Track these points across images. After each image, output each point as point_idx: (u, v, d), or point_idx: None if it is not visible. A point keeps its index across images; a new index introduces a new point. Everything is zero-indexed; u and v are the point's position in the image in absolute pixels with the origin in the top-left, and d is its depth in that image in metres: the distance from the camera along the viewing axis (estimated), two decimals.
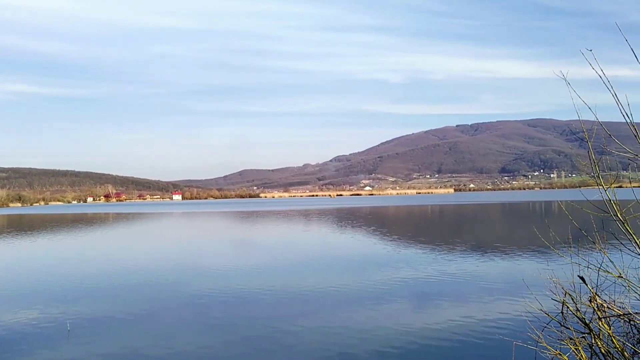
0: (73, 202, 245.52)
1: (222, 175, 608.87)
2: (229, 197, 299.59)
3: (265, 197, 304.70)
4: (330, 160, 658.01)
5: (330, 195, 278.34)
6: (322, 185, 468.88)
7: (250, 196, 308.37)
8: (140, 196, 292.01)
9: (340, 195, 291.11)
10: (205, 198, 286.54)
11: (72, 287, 15.91)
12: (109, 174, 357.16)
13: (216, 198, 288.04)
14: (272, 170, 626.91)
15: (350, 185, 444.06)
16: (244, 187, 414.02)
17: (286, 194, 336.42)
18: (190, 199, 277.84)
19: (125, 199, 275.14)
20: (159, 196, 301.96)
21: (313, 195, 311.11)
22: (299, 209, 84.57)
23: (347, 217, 54.59)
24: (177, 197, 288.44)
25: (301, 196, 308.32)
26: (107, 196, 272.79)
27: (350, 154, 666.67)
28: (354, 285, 14.89)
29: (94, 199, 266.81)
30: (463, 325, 10.15)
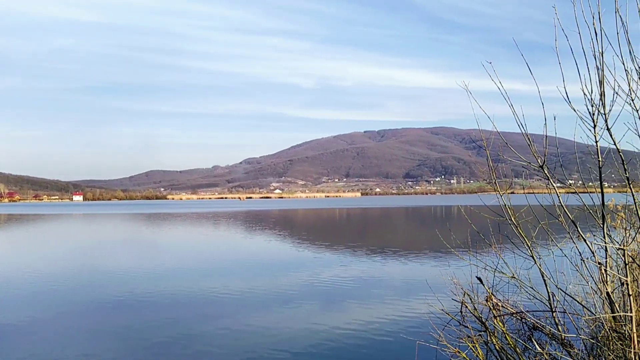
0: None
1: (128, 176, 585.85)
2: (135, 199, 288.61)
3: (173, 198, 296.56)
4: (241, 163, 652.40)
5: (239, 198, 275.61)
6: (231, 188, 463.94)
7: (157, 198, 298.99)
8: (36, 197, 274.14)
9: (250, 198, 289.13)
10: (109, 199, 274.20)
11: None
12: (1, 173, 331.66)
13: (121, 199, 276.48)
14: (181, 172, 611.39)
15: (260, 188, 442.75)
16: (150, 188, 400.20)
17: (194, 196, 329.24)
18: (92, 200, 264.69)
19: (19, 199, 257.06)
20: (57, 197, 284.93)
21: (222, 198, 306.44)
22: (208, 212, 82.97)
23: (257, 220, 54.31)
24: (77, 198, 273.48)
25: (210, 198, 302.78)
26: None
27: (260, 157, 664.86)
28: (262, 287, 14.81)
29: None
30: (369, 326, 10.39)
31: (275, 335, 9.87)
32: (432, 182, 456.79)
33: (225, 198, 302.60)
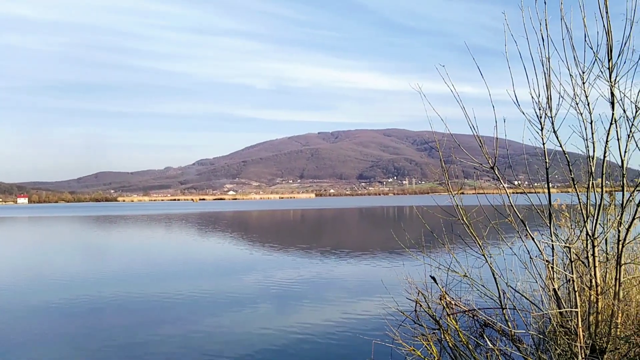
0: None
1: (76, 178, 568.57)
2: (83, 201, 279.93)
3: (124, 201, 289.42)
4: (193, 164, 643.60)
5: (192, 200, 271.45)
6: (184, 189, 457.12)
7: (107, 200, 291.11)
8: None
9: (203, 199, 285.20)
10: (56, 202, 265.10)
11: None
12: None
13: (68, 202, 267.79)
14: (132, 173, 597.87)
15: (213, 190, 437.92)
16: (100, 190, 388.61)
17: (146, 198, 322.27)
18: (38, 203, 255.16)
19: None
20: (0, 199, 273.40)
21: (175, 200, 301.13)
22: (160, 214, 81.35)
23: (210, 222, 53.65)
24: (22, 201, 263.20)
25: (162, 200, 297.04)
26: None
27: (214, 158, 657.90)
28: (215, 291, 14.64)
29: None
30: (324, 327, 10.42)
31: (228, 339, 9.78)
32: (384, 183, 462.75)
33: (178, 200, 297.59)
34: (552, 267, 5.19)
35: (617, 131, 4.90)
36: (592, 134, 4.98)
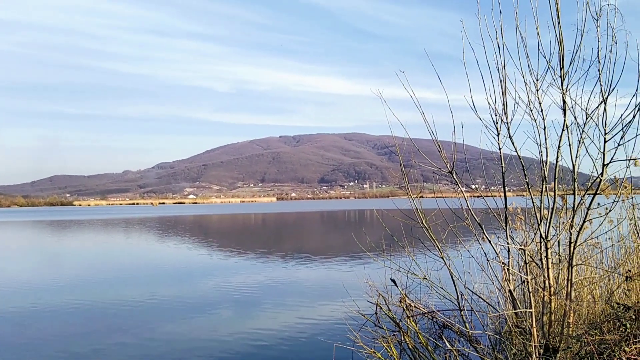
0: None
1: (29, 181, 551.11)
2: (37, 205, 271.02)
3: (80, 205, 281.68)
4: (153, 167, 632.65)
5: (152, 204, 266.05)
6: (143, 193, 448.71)
7: (63, 204, 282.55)
8: None
9: (163, 203, 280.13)
10: (8, 206, 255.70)
11: None
12: None
13: (22, 206, 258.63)
14: (88, 177, 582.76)
15: (173, 194, 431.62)
16: (55, 194, 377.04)
17: (104, 202, 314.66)
18: None
19: None
20: None
21: (134, 204, 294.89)
22: (118, 218, 79.59)
23: (169, 226, 52.80)
24: None
25: (120, 204, 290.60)
26: None
27: (174, 161, 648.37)
28: (174, 296, 14.43)
29: None
30: (285, 330, 10.40)
31: (187, 346, 9.65)
32: (346, 186, 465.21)
33: (137, 204, 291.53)
34: (508, 269, 5.34)
35: (568, 137, 5.08)
36: (546, 139, 5.14)
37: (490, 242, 5.37)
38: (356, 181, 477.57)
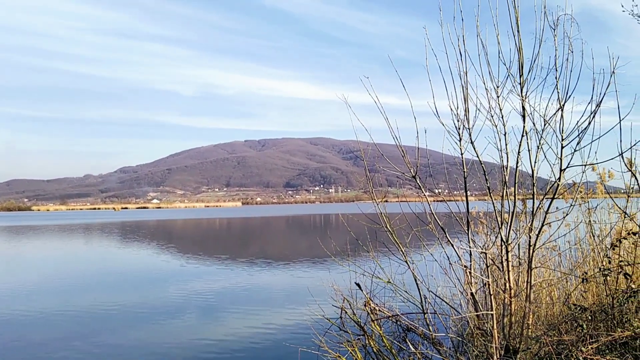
0: None
1: None
2: None
3: (39, 210, 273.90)
4: (115, 172, 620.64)
5: (114, 209, 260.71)
6: (105, 198, 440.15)
7: (20, 209, 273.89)
8: None
9: (126, 208, 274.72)
10: None
11: None
12: None
13: None
14: (47, 181, 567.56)
15: (136, 198, 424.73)
16: (12, 199, 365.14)
17: (64, 207, 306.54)
18: None
19: None
20: None
21: (95, 208, 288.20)
22: (79, 223, 77.65)
23: (132, 232, 51.84)
24: None
25: (81, 209, 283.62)
26: None
27: (137, 166, 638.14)
28: (137, 302, 14.16)
29: None
30: (250, 336, 10.33)
31: (150, 351, 9.48)
32: (311, 191, 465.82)
33: (99, 209, 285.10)
34: (470, 272, 5.43)
35: (528, 142, 5.20)
36: (506, 145, 5.26)
37: (452, 245, 5.45)
38: (322, 186, 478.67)
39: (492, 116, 5.22)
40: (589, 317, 4.62)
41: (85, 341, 10.37)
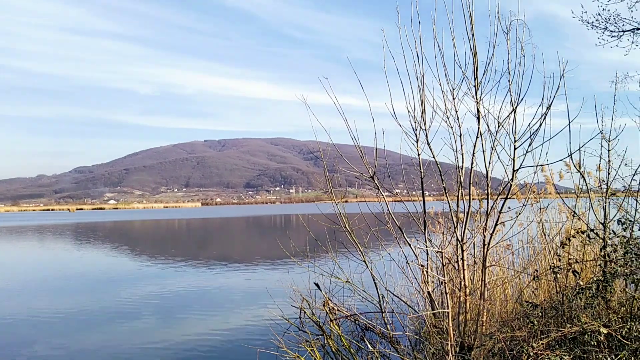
0: None
1: None
2: None
3: None
4: (70, 172, 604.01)
5: (69, 210, 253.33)
6: (59, 199, 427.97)
7: None
8: None
9: (81, 209, 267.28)
10: None
11: None
12: None
13: None
14: None
15: (92, 199, 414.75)
16: None
17: (15, 208, 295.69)
18: None
19: None
20: None
21: (48, 209, 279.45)
22: (31, 225, 75.22)
23: (88, 233, 50.55)
24: None
25: (34, 210, 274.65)
26: None
27: (93, 166, 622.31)
28: (94, 305, 13.82)
29: None
30: (209, 337, 10.22)
31: (106, 355, 9.28)
32: (272, 191, 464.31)
33: (53, 210, 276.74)
34: (427, 271, 5.52)
35: (482, 144, 5.33)
36: (462, 146, 5.37)
37: (410, 245, 5.53)
38: (282, 186, 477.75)
39: (448, 118, 5.32)
40: (540, 314, 4.77)
41: (41, 346, 10.06)
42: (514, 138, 5.19)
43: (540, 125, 5.06)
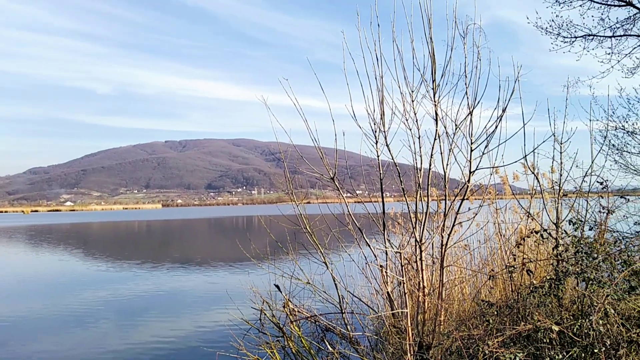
0: None
1: None
2: None
3: None
4: (24, 172, 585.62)
5: (23, 212, 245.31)
6: (13, 200, 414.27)
7: None
8: None
9: (36, 211, 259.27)
10: None
11: None
12: None
13: None
14: None
15: (48, 201, 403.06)
16: None
17: None
18: None
19: None
20: None
21: (1, 212, 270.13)
22: None
23: (43, 236, 49.08)
24: None
25: None
26: None
27: (48, 166, 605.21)
28: (50, 310, 13.43)
29: None
30: (167, 341, 10.06)
31: (67, 357, 9.03)
32: (234, 192, 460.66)
33: (5, 212, 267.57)
34: (386, 272, 5.57)
35: (440, 146, 5.41)
36: (420, 147, 5.44)
37: (369, 245, 5.57)
38: (244, 187, 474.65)
39: (407, 120, 5.39)
40: (495, 312, 4.87)
41: None
42: (471, 140, 5.28)
43: (496, 127, 5.17)
